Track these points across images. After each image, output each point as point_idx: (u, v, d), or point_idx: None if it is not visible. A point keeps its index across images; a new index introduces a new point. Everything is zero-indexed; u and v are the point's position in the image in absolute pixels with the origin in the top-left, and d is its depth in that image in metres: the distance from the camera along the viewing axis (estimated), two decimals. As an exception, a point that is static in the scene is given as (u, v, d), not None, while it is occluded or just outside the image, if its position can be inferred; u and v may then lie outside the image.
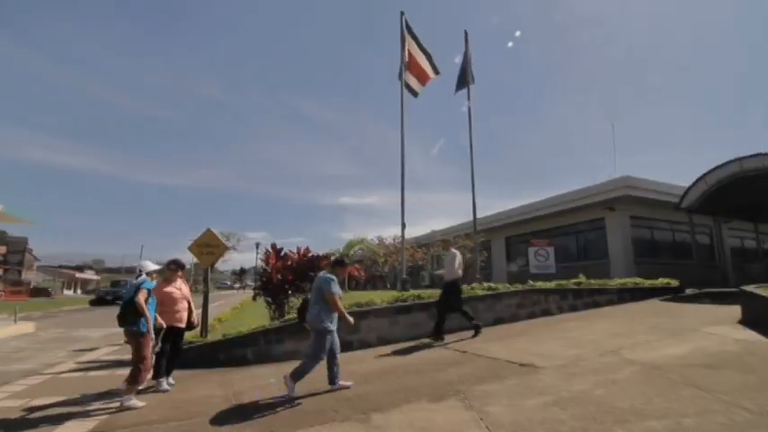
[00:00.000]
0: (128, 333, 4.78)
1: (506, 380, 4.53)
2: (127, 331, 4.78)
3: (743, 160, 12.45)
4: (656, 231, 17.80)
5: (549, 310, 9.25)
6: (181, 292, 5.65)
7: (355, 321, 7.31)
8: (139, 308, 4.66)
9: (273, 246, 10.49)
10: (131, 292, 4.77)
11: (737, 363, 4.51)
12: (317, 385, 5.03)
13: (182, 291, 5.69)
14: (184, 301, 5.67)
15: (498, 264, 22.50)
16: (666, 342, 5.66)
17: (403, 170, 11.02)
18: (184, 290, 5.78)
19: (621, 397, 3.69)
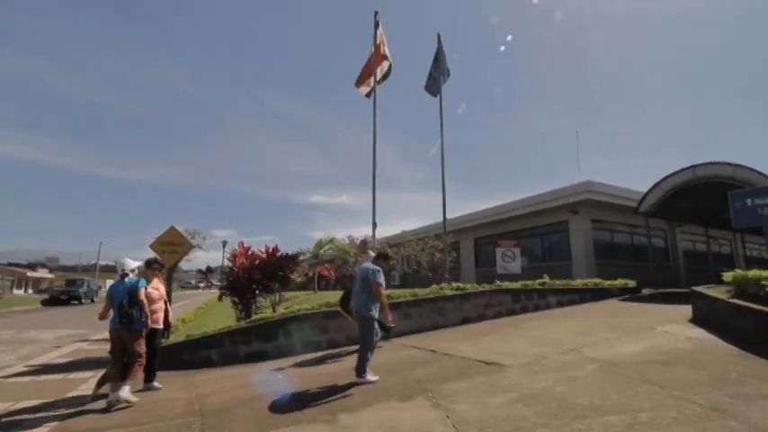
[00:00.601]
0: (127, 331, 4.79)
1: (473, 378, 4.61)
2: (126, 330, 4.78)
3: (696, 168, 13.20)
4: (615, 234, 18.57)
5: (514, 309, 9.48)
6: (158, 292, 5.52)
7: (323, 321, 7.33)
8: (144, 306, 4.87)
9: (241, 244, 10.25)
10: (127, 291, 4.83)
11: (689, 360, 4.77)
12: (283, 387, 4.95)
13: (159, 290, 5.55)
14: (161, 300, 5.55)
15: (467, 264, 22.88)
16: (624, 340, 5.91)
17: (374, 170, 11.01)
18: (162, 289, 5.65)
19: (581, 393, 3.82)
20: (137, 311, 4.81)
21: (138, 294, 4.86)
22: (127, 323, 4.76)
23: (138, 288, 4.92)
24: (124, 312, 4.75)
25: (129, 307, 4.78)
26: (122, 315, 4.75)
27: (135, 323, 4.79)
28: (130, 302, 4.80)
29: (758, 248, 23.84)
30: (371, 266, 5.13)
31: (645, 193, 14.70)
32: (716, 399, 3.49)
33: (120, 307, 4.77)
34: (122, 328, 4.77)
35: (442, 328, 8.24)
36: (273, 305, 10.89)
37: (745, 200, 6.95)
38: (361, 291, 5.03)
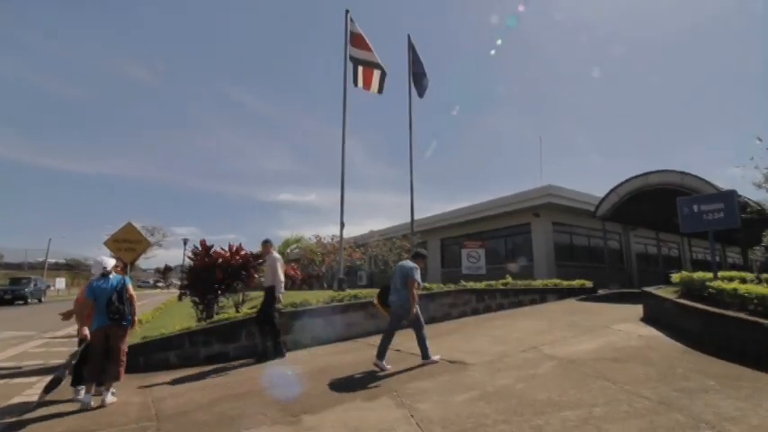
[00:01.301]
0: (117, 328, 4.77)
1: (437, 377, 4.67)
2: (116, 326, 4.76)
3: (648, 175, 13.96)
4: (574, 237, 19.35)
5: (478, 309, 9.68)
6: None
7: (288, 322, 7.21)
8: (135, 302, 4.98)
9: (203, 242, 9.92)
10: (114, 288, 4.81)
11: (640, 356, 5.03)
12: (243, 389, 4.84)
13: None
14: None
15: (433, 264, 23.17)
16: (581, 338, 6.16)
17: (343, 169, 10.96)
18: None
19: (540, 390, 3.95)
20: (127, 307, 4.83)
21: (127, 290, 4.89)
22: (119, 319, 4.73)
23: (127, 285, 4.96)
24: (115, 308, 4.72)
25: (119, 303, 4.77)
26: (113, 311, 4.71)
27: (125, 319, 4.79)
28: (120, 299, 4.79)
29: (703, 252, 25.52)
30: (410, 264, 5.60)
31: (602, 198, 15.41)
32: (663, 393, 3.70)
33: (109, 303, 4.73)
34: (112, 325, 4.72)
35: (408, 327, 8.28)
36: (237, 305, 10.61)
37: (692, 206, 7.38)
38: (401, 287, 5.46)
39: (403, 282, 5.46)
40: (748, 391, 3.68)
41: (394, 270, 5.82)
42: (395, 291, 5.55)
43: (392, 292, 5.59)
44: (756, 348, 4.72)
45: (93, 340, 4.69)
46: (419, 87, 13.44)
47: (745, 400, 3.48)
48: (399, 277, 5.54)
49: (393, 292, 5.57)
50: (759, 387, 3.80)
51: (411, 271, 5.46)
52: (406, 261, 5.76)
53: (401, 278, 5.50)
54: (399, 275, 5.55)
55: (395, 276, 5.63)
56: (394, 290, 5.56)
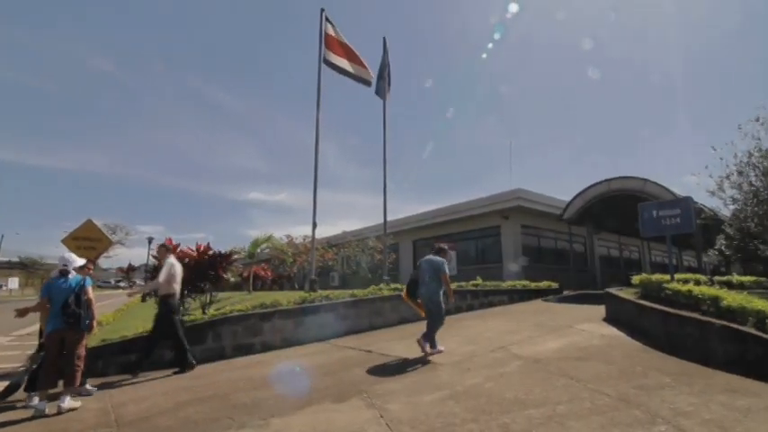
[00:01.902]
0: (73, 332, 4.52)
1: (407, 377, 4.69)
2: (72, 331, 4.51)
3: (610, 181, 14.54)
4: (542, 239, 19.92)
5: (449, 309, 9.78)
6: None
7: (258, 323, 7.07)
8: (93, 305, 4.66)
9: (168, 241, 9.59)
10: (71, 290, 4.56)
11: (602, 355, 5.22)
12: (210, 392, 4.71)
13: None
14: None
15: (406, 265, 23.29)
16: (546, 338, 6.34)
17: (316, 169, 10.85)
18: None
19: (507, 389, 4.04)
20: (84, 311, 4.55)
21: (85, 293, 4.62)
22: (74, 323, 4.49)
23: (86, 286, 4.70)
24: (71, 312, 4.46)
25: (75, 306, 4.50)
26: (68, 314, 4.46)
27: (81, 323, 4.54)
28: (77, 301, 4.53)
29: (662, 255, 26.79)
30: (439, 259, 6.02)
31: (568, 202, 15.93)
32: (623, 390, 3.85)
33: (64, 306, 4.47)
34: (67, 329, 4.48)
35: (379, 328, 8.30)
36: (204, 306, 10.31)
37: (651, 211, 7.73)
38: (430, 280, 5.86)
39: (432, 275, 5.86)
40: (700, 387, 3.89)
41: (419, 265, 6.19)
42: (423, 284, 5.91)
43: (421, 285, 5.95)
44: (707, 346, 4.99)
45: (49, 344, 4.50)
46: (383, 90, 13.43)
47: (698, 395, 3.68)
48: (428, 271, 5.91)
49: (422, 285, 5.94)
50: (710, 383, 4.02)
51: (442, 266, 5.93)
52: (433, 256, 6.11)
53: (430, 272, 5.89)
54: (428, 270, 5.93)
55: (422, 271, 6.00)
56: (422, 283, 5.93)
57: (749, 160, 8.64)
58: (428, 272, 5.94)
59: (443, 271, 5.88)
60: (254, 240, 19.14)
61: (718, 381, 4.10)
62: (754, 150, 8.57)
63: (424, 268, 6.02)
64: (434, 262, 6.00)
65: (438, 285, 5.87)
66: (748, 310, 4.98)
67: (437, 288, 5.85)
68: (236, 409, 4.05)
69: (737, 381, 4.09)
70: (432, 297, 5.82)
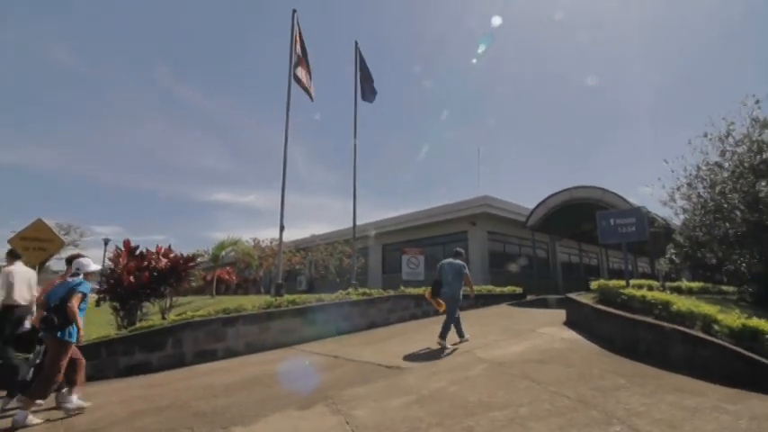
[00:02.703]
0: (50, 340, 4.16)
1: (374, 382, 4.67)
2: (49, 338, 4.15)
3: (572, 190, 15.11)
4: (507, 245, 20.42)
5: (417, 314, 9.86)
6: None
7: (221, 329, 6.87)
8: (71, 314, 4.15)
9: (126, 243, 9.21)
10: (61, 294, 4.23)
11: (562, 358, 5.39)
12: (167, 401, 4.52)
13: None
14: None
15: (374, 270, 23.29)
16: (510, 342, 6.49)
17: (284, 171, 10.69)
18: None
19: (472, 392, 4.09)
20: (58, 319, 4.11)
21: (67, 298, 4.18)
22: (46, 329, 4.13)
23: (73, 291, 4.25)
24: (44, 317, 4.12)
25: (54, 312, 4.12)
26: (42, 319, 4.13)
27: (55, 330, 4.11)
28: (58, 307, 4.15)
29: (618, 262, 28.04)
30: (460, 262, 6.73)
31: (532, 210, 16.42)
32: (582, 392, 3.99)
33: (49, 311, 4.14)
34: (45, 336, 4.19)
35: (347, 333, 8.24)
36: (163, 311, 9.92)
37: (609, 220, 8.10)
38: (453, 281, 6.56)
39: (455, 276, 6.57)
40: (652, 388, 4.08)
41: (440, 267, 6.79)
42: (447, 284, 6.57)
43: (444, 285, 6.58)
44: (659, 349, 5.26)
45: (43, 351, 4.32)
46: (368, 93, 13.53)
47: (650, 396, 3.86)
48: (450, 273, 6.61)
49: (445, 284, 6.58)
50: (661, 384, 4.23)
51: (464, 268, 6.67)
52: (454, 259, 6.79)
53: (452, 274, 6.59)
54: (451, 272, 6.62)
55: (444, 272, 6.66)
56: (446, 283, 6.58)
57: (698, 173, 9.22)
58: (451, 273, 6.61)
59: (465, 272, 6.65)
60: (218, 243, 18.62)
61: (669, 381, 4.32)
62: (702, 164, 9.15)
63: (447, 270, 6.65)
64: (456, 265, 6.67)
65: (460, 285, 6.58)
66: (696, 314, 5.29)
67: (459, 287, 6.57)
68: (195, 418, 3.90)
69: (686, 381, 4.33)
70: (454, 295, 6.52)
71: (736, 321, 4.86)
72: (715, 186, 8.80)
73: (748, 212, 7.96)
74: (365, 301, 8.98)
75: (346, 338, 7.80)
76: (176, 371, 6.11)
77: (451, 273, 6.64)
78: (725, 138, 8.82)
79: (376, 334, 8.13)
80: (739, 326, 4.75)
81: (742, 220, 8.05)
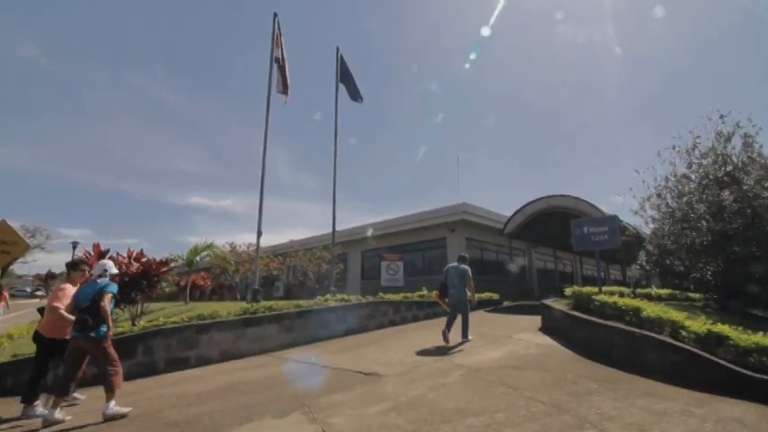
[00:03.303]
0: (85, 341, 4.25)
1: (351, 390, 4.62)
2: (83, 339, 4.24)
3: (549, 198, 15.47)
4: (485, 252, 20.67)
5: (395, 320, 9.85)
6: None
7: (194, 336, 6.69)
8: (104, 314, 4.29)
9: (96, 246, 8.88)
10: (91, 295, 4.35)
11: (537, 364, 5.47)
12: (137, 411, 4.36)
13: None
14: None
15: (353, 276, 23.19)
16: (487, 348, 6.55)
17: (263, 174, 10.56)
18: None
19: (449, 398, 4.11)
20: (93, 319, 4.26)
21: (99, 299, 4.34)
22: (81, 329, 4.25)
23: (105, 293, 4.40)
24: (79, 318, 4.28)
25: (87, 313, 4.28)
26: (77, 320, 4.28)
27: (89, 330, 4.24)
28: (90, 308, 4.30)
29: (592, 269, 28.76)
30: (465, 266, 7.36)
31: (509, 217, 16.72)
32: (556, 397, 4.05)
33: (81, 312, 4.30)
34: (80, 337, 4.26)
35: (325, 339, 8.16)
36: (133, 318, 9.60)
37: (583, 228, 8.33)
38: (459, 283, 7.21)
39: (460, 280, 7.20)
40: (624, 393, 4.19)
41: (447, 271, 7.48)
42: (453, 287, 7.24)
43: (450, 287, 7.26)
44: (631, 354, 5.40)
45: (69, 351, 4.40)
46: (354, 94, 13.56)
47: (622, 400, 3.95)
48: (456, 276, 7.26)
49: (451, 287, 7.25)
50: (632, 388, 4.34)
51: (468, 272, 7.30)
52: (458, 264, 7.41)
53: (458, 277, 7.23)
54: (456, 275, 7.26)
55: (451, 276, 7.32)
56: (452, 286, 7.25)
57: (666, 184, 9.58)
58: (456, 277, 7.26)
59: (469, 276, 7.27)
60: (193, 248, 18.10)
61: (640, 386, 4.44)
62: (671, 175, 9.53)
63: (453, 274, 7.32)
64: (460, 269, 7.31)
65: (464, 287, 7.19)
66: (664, 320, 5.47)
67: (464, 289, 7.18)
68: (167, 428, 3.77)
69: (656, 386, 4.46)
70: (460, 297, 7.15)
71: (702, 327, 5.04)
72: (682, 197, 9.16)
73: (713, 222, 8.30)
74: (343, 307, 8.92)
75: (324, 345, 7.72)
76: (147, 379, 5.91)
77: (457, 276, 7.25)
78: (692, 150, 9.20)
79: (354, 340, 8.07)
80: (705, 331, 4.94)
81: (707, 230, 8.39)
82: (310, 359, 6.42)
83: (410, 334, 8.41)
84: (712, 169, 8.78)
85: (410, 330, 8.94)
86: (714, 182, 8.61)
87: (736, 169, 8.38)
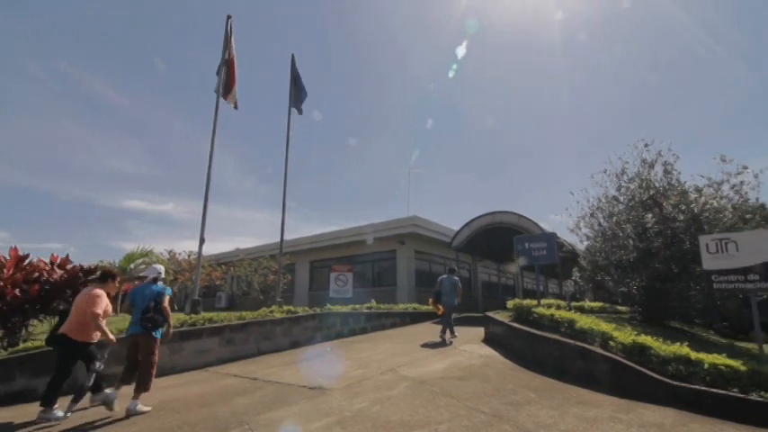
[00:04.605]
0: (146, 338, 4.74)
1: (294, 405, 4.49)
2: (146, 336, 4.74)
3: (495, 214, 16.12)
4: (433, 264, 21.08)
5: (343, 332, 9.74)
6: None
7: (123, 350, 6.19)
8: (167, 314, 4.85)
9: (13, 251, 8.06)
10: (150, 297, 4.82)
11: (479, 374, 5.62)
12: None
13: None
14: None
15: (301, 287, 22.69)
16: (433, 359, 6.64)
17: (209, 179, 10.11)
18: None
19: (394, 411, 4.10)
20: (160, 318, 4.79)
21: (162, 301, 4.86)
22: (150, 328, 4.73)
23: (165, 295, 4.93)
24: (148, 317, 4.71)
25: (154, 312, 4.75)
26: (146, 320, 4.70)
27: (156, 329, 4.79)
28: (155, 309, 4.78)
29: (532, 282, 30.19)
30: (456, 278, 9.05)
31: (457, 231, 17.21)
32: (496, 407, 4.18)
33: (144, 312, 4.73)
34: (141, 334, 4.73)
35: (269, 353, 7.88)
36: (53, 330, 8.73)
37: (524, 244, 8.77)
38: (450, 291, 8.90)
39: (451, 289, 8.90)
40: (559, 401, 4.40)
41: (440, 281, 9.09)
42: (445, 294, 8.87)
43: (444, 295, 8.87)
44: (565, 363, 5.71)
45: (127, 347, 4.85)
46: (299, 105, 13.42)
47: (557, 408, 4.15)
48: (448, 286, 8.93)
49: (444, 294, 8.87)
50: (567, 397, 4.58)
51: (459, 282, 9.04)
52: (451, 276, 9.07)
53: (450, 287, 8.92)
54: (448, 285, 8.94)
55: (444, 285, 8.95)
56: (444, 293, 8.88)
57: (598, 205, 10.31)
58: (448, 286, 8.94)
59: (459, 286, 9.01)
60: (126, 255, 16.83)
61: (573, 394, 4.69)
62: (602, 197, 10.26)
63: (446, 284, 8.96)
64: (452, 279, 9.00)
65: (455, 295, 8.87)
66: (596, 331, 5.84)
67: (455, 297, 8.86)
68: (86, 452, 3.44)
69: (588, 394, 4.73)
70: (451, 303, 8.80)
71: (628, 338, 5.44)
72: (612, 217, 9.89)
73: (638, 241, 9.04)
74: (289, 319, 8.69)
75: (267, 358, 7.46)
76: (69, 398, 5.37)
77: (449, 286, 8.92)
78: (620, 175, 10.00)
79: (299, 353, 7.87)
80: (630, 342, 5.33)
81: (633, 248, 9.11)
82: (252, 374, 6.17)
83: (357, 346, 8.34)
84: (638, 193, 9.58)
85: (358, 342, 8.87)
86: (639, 204, 9.40)
87: (657, 194, 9.20)
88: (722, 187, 8.88)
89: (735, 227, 8.06)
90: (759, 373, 4.26)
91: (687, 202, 8.74)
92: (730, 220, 8.27)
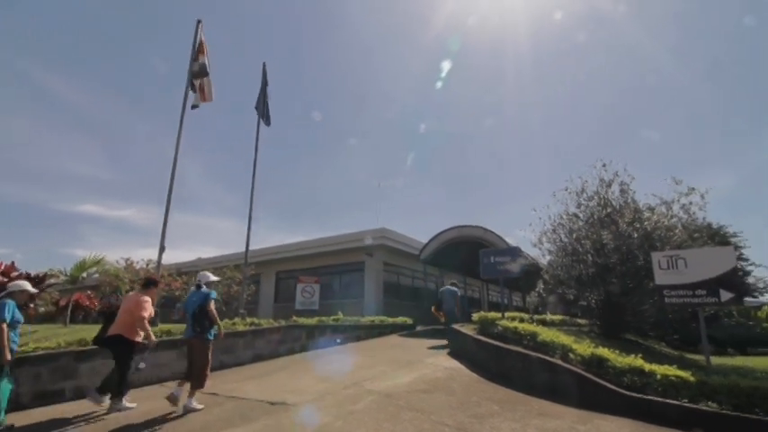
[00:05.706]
0: (198, 340, 5.07)
1: (255, 422, 4.34)
2: (197, 339, 5.07)
3: (462, 228, 16.41)
4: (401, 277, 21.13)
5: (308, 345, 9.54)
6: None
7: (73, 364, 5.84)
8: (214, 318, 5.14)
9: (-48, 258, 7.44)
10: (199, 302, 5.13)
11: (445, 387, 5.64)
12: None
13: None
14: None
15: (266, 299, 22.15)
16: (399, 372, 6.61)
17: (172, 185, 9.74)
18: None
19: (358, 426, 4.04)
20: (207, 322, 5.09)
21: (206, 305, 5.12)
22: (200, 332, 5.06)
23: (210, 299, 5.19)
24: (196, 321, 5.06)
25: (200, 316, 5.07)
26: (195, 324, 5.07)
27: (205, 332, 5.08)
28: (201, 313, 5.09)
29: (497, 295, 30.79)
30: (455, 288, 10.25)
31: (425, 244, 17.38)
32: (461, 419, 4.20)
33: (193, 316, 5.09)
34: (193, 337, 5.07)
35: (230, 367, 7.61)
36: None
37: (489, 257, 8.96)
38: (451, 301, 9.90)
39: (451, 299, 9.92)
40: (521, 413, 4.47)
41: (441, 292, 10.30)
42: (446, 303, 9.90)
43: (444, 303, 9.91)
44: (527, 375, 5.82)
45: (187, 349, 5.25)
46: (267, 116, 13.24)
47: (519, 420, 4.22)
48: (448, 295, 10.04)
49: (444, 303, 9.92)
50: (529, 409, 4.66)
51: (458, 293, 10.20)
52: (451, 287, 10.26)
53: (450, 296, 9.99)
54: (449, 295, 10.03)
55: (446, 296, 10.05)
56: (445, 302, 9.90)
57: (560, 221, 10.71)
58: (450, 296, 9.97)
59: (458, 296, 10.08)
60: (78, 263, 15.85)
61: (535, 406, 4.78)
62: (564, 213, 10.68)
63: (447, 294, 10.06)
64: (453, 290, 10.12)
65: (454, 304, 9.86)
66: (557, 343, 6.01)
67: (454, 305, 9.86)
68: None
69: (549, 406, 4.84)
70: (452, 311, 9.77)
71: (587, 350, 5.62)
72: (573, 233, 10.30)
73: (596, 257, 9.44)
74: (252, 331, 8.44)
75: (228, 373, 7.20)
76: (8, 416, 4.97)
77: (450, 296, 9.96)
78: (580, 193, 10.45)
79: (262, 367, 7.65)
80: (589, 354, 5.51)
81: (592, 263, 9.50)
82: (212, 389, 5.92)
83: (322, 359, 8.20)
84: (596, 210, 10.05)
85: (323, 355, 8.72)
86: (597, 221, 9.85)
87: (614, 212, 9.68)
88: (673, 207, 9.44)
89: (684, 244, 8.56)
90: (706, 384, 4.50)
91: (641, 221, 9.22)
92: (680, 238, 8.79)
